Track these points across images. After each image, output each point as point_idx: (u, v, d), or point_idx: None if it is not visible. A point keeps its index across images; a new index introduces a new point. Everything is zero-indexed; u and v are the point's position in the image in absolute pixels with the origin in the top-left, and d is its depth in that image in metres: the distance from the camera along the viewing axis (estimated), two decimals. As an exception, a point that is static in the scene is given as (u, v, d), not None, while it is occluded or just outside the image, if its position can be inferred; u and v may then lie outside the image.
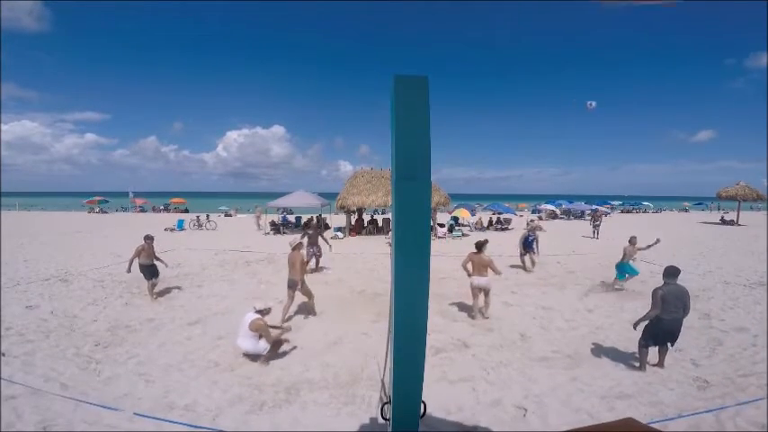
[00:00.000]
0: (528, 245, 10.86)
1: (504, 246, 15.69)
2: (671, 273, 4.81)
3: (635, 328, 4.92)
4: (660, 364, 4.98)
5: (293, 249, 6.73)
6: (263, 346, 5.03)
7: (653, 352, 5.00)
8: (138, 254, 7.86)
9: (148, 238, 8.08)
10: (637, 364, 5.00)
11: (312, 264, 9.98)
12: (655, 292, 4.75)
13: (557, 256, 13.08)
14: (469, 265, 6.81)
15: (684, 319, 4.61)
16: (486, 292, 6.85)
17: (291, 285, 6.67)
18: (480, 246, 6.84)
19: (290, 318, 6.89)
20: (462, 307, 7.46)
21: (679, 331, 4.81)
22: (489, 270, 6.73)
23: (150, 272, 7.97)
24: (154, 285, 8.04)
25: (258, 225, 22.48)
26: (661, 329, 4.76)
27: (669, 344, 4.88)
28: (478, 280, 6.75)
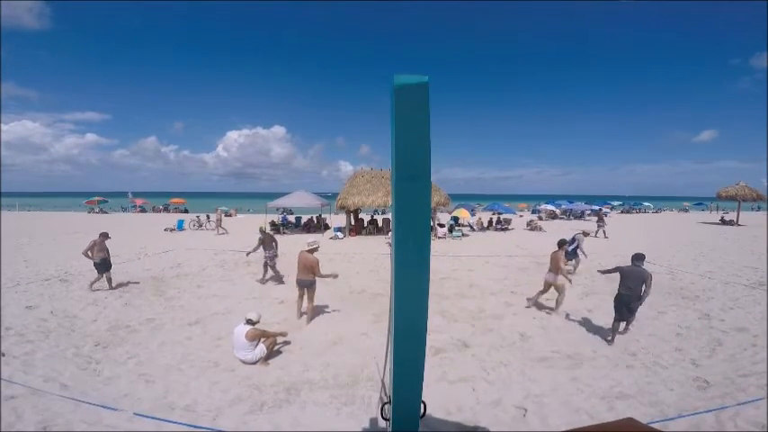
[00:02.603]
0: (570, 253, 9.91)
1: (503, 245, 15.73)
2: (638, 257, 5.81)
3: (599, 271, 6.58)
4: (623, 331, 6.05)
5: (309, 251, 6.63)
6: (259, 352, 5.06)
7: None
8: (91, 248, 8.37)
9: (102, 235, 8.62)
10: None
11: (269, 272, 9.40)
12: (618, 266, 6.02)
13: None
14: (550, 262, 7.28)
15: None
16: (557, 288, 7.09)
17: (302, 285, 6.64)
18: (560, 244, 7.31)
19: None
20: (462, 307, 7.47)
21: (635, 306, 5.72)
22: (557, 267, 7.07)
23: (104, 266, 8.45)
24: (110, 279, 8.56)
25: (218, 230, 19.92)
26: (619, 302, 5.75)
27: (629, 317, 5.84)
28: (547, 275, 7.21)
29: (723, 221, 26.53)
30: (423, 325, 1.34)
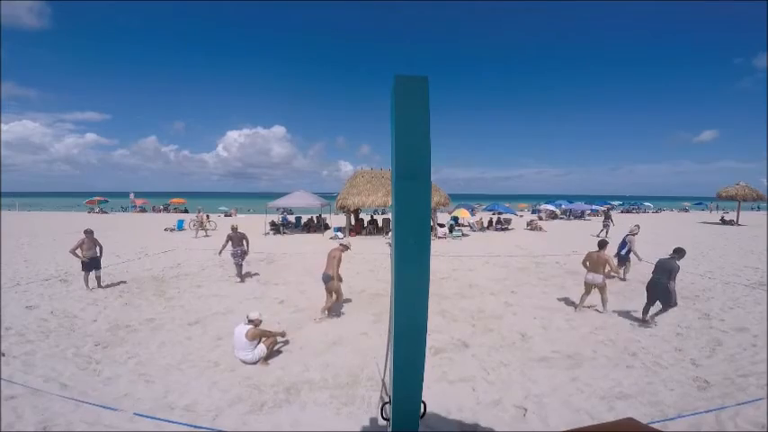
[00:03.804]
0: (622, 257, 9.62)
1: (503, 245, 15.73)
2: (676, 250, 6.37)
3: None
4: (652, 317, 6.44)
5: (341, 248, 6.77)
6: (259, 351, 5.06)
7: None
8: (79, 245, 8.35)
9: (88, 232, 8.61)
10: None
11: (239, 265, 9.45)
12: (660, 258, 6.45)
13: (557, 256, 13.09)
14: (587, 263, 7.30)
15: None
16: (601, 289, 7.14)
17: (323, 280, 6.73)
18: (601, 245, 7.27)
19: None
20: (462, 307, 7.47)
21: (659, 294, 6.24)
22: (605, 268, 7.11)
23: (93, 264, 8.49)
24: (98, 278, 8.58)
25: (203, 230, 19.13)
26: (647, 287, 6.46)
27: (652, 304, 6.41)
28: (588, 275, 7.20)
29: (723, 221, 26.54)
30: (423, 325, 1.34)
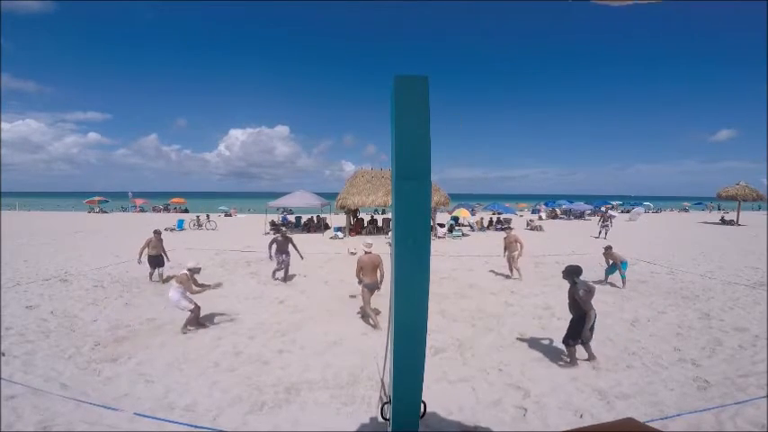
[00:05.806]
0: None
1: (503, 245, 15.69)
2: (576, 272, 5.10)
3: (589, 333, 5.06)
4: (592, 356, 5.12)
5: (367, 252, 6.59)
6: (185, 304, 6.04)
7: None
8: (146, 245, 9.14)
9: (156, 232, 9.48)
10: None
11: (280, 274, 9.47)
12: (578, 295, 4.91)
13: (557, 256, 13.09)
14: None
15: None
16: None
17: (372, 289, 6.50)
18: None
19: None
20: (462, 307, 7.46)
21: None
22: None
23: (157, 261, 9.29)
24: (161, 274, 9.36)
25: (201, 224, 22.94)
26: (591, 324, 4.97)
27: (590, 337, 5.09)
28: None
29: (723, 221, 26.54)
30: (423, 325, 1.34)
